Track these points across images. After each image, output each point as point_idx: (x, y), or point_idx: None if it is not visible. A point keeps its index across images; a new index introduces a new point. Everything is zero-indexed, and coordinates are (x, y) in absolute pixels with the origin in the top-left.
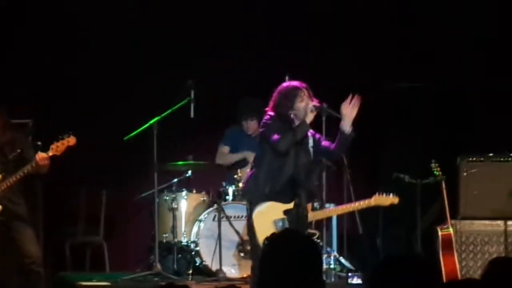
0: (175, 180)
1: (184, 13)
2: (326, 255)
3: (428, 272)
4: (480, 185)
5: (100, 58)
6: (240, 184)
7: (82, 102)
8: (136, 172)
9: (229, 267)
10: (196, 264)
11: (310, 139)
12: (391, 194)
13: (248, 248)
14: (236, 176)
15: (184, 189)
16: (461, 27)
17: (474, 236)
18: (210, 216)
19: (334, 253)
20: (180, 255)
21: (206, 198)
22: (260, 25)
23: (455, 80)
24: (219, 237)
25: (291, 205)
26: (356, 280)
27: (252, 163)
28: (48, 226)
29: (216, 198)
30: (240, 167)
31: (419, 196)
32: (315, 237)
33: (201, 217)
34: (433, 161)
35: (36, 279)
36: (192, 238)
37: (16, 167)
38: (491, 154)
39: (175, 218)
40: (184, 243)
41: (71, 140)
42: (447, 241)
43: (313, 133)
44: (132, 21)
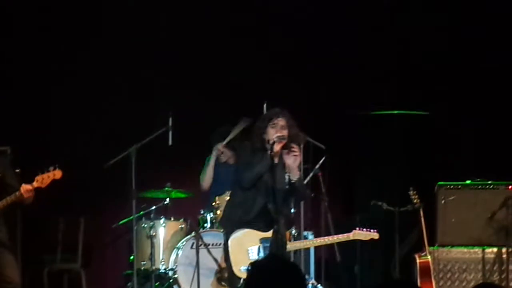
0: (153, 208)
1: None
2: None
3: None
4: (458, 213)
5: (79, 86)
6: (218, 212)
7: (61, 129)
8: (114, 200)
9: None
10: None
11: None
12: (371, 230)
13: (226, 275)
14: (214, 204)
15: (162, 217)
16: (430, 52)
17: (452, 264)
18: (188, 244)
19: (312, 281)
20: (158, 283)
21: (184, 226)
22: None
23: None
24: (197, 265)
25: (268, 234)
26: None
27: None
28: (26, 253)
29: (194, 226)
30: (219, 194)
31: (397, 224)
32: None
33: (179, 245)
34: (411, 189)
35: None
36: (170, 266)
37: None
38: (469, 182)
39: (153, 246)
40: (162, 271)
41: (57, 174)
42: (425, 269)
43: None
44: (112, 49)
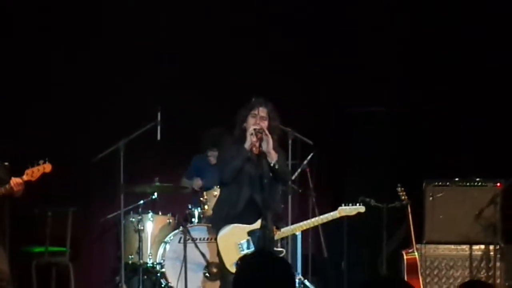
0: (141, 202)
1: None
2: None
3: None
4: (446, 210)
5: (68, 79)
6: (206, 207)
7: (49, 123)
8: (102, 194)
9: None
10: (162, 286)
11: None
12: (358, 204)
13: (214, 270)
14: (202, 199)
15: (150, 211)
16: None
17: (439, 261)
18: (176, 238)
19: (299, 276)
20: (146, 277)
21: (172, 220)
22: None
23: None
24: (185, 259)
25: (255, 226)
26: None
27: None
28: (14, 247)
29: (182, 220)
30: (206, 189)
31: (385, 220)
32: (282, 255)
33: (167, 239)
34: (399, 185)
35: None
36: (158, 260)
37: None
38: (457, 179)
39: (141, 240)
40: (150, 265)
41: (47, 167)
42: (412, 265)
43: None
44: (102, 44)
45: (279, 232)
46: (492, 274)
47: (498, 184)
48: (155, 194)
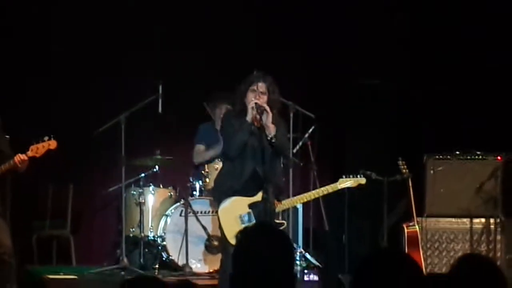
0: (143, 175)
1: (153, 10)
2: None
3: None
4: (447, 183)
5: (69, 52)
6: (207, 180)
7: (50, 97)
8: (104, 167)
9: (196, 262)
10: (163, 259)
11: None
12: (359, 176)
13: (215, 243)
14: (203, 172)
15: (151, 184)
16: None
17: (440, 234)
18: (177, 211)
19: (300, 249)
20: (147, 250)
21: (173, 193)
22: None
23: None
24: (186, 232)
25: (256, 198)
26: (312, 277)
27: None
28: (16, 220)
29: (183, 193)
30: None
31: (386, 193)
32: (282, 227)
33: (168, 212)
34: (400, 159)
35: (7, 270)
36: (159, 233)
37: None
38: (458, 152)
39: (142, 213)
40: (151, 238)
41: (52, 144)
42: (413, 239)
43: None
44: (102, 17)
45: (280, 205)
46: (493, 247)
47: (499, 158)
48: (156, 167)
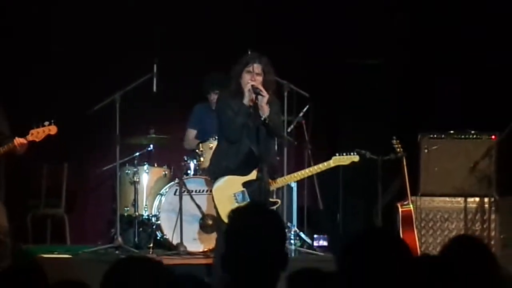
0: (137, 154)
1: None
2: (286, 230)
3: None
4: (441, 162)
5: (63, 33)
6: (202, 159)
7: (44, 76)
8: (98, 146)
9: (190, 241)
10: (157, 238)
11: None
12: (352, 153)
13: (209, 222)
14: (198, 151)
15: (146, 163)
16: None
17: (434, 213)
18: (172, 190)
19: (294, 228)
20: (141, 229)
21: (168, 172)
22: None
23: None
24: (180, 211)
25: (250, 177)
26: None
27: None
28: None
29: (178, 172)
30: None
31: (380, 173)
32: (276, 206)
33: (163, 191)
34: (394, 138)
35: (3, 249)
36: (153, 212)
37: None
38: (452, 132)
39: (137, 192)
40: (145, 217)
41: (52, 129)
42: (407, 218)
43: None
44: None
45: (275, 183)
46: (487, 227)
47: (493, 137)
48: (151, 146)
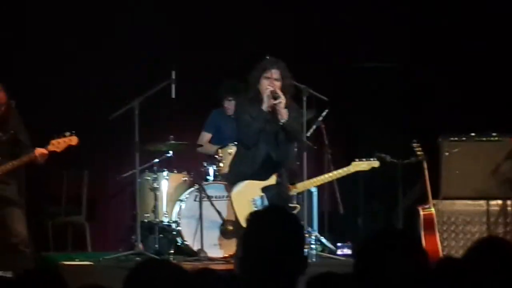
0: (156, 160)
1: None
2: (307, 235)
3: (419, 249)
4: (462, 165)
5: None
6: (221, 164)
7: (63, 82)
8: (118, 153)
9: (211, 247)
10: (178, 244)
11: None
12: (372, 159)
13: (230, 228)
14: (217, 156)
15: (165, 169)
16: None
17: (456, 216)
18: (192, 196)
19: (315, 233)
20: (162, 235)
21: (187, 178)
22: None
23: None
24: (201, 217)
25: (269, 182)
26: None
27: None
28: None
29: (197, 178)
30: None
31: (401, 176)
32: (296, 211)
33: (182, 197)
34: (415, 141)
35: (22, 259)
36: (174, 218)
37: (11, 149)
38: (473, 134)
39: (157, 198)
40: (166, 223)
41: (73, 140)
42: (429, 221)
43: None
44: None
45: (294, 188)
46: (510, 230)
47: None
48: (170, 152)
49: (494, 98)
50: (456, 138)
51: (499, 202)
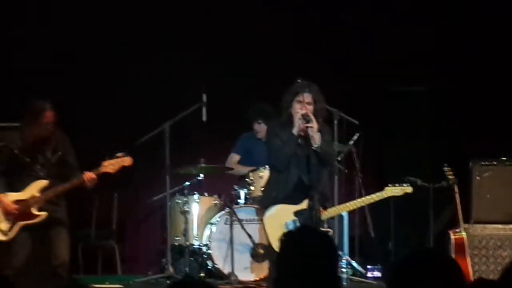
0: (187, 184)
1: (198, 17)
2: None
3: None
4: (493, 189)
5: (115, 61)
6: (252, 188)
7: (95, 104)
8: (148, 176)
9: (241, 271)
10: (208, 267)
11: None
12: (404, 184)
13: (261, 251)
14: (248, 180)
15: (196, 193)
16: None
17: (487, 240)
18: (222, 219)
19: (346, 257)
20: (192, 258)
21: (218, 202)
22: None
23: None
24: (231, 240)
25: (301, 206)
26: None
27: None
28: None
29: (228, 202)
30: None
31: (432, 200)
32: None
33: (213, 220)
34: (446, 165)
35: (58, 282)
36: (204, 241)
37: (59, 171)
38: (504, 158)
39: (187, 221)
40: (196, 246)
41: (127, 160)
42: (460, 245)
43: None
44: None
45: (326, 213)
46: None
47: None
48: (201, 175)
49: None
50: (487, 162)
51: None
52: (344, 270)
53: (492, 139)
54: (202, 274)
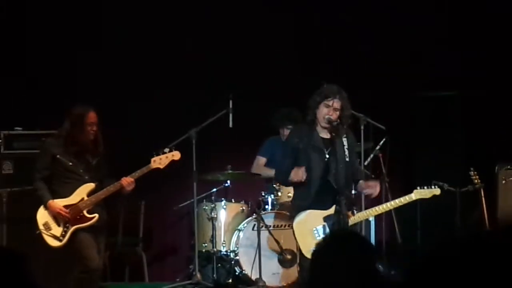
0: (214, 190)
1: (223, 24)
2: None
3: None
4: None
5: (140, 68)
6: (279, 193)
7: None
8: (174, 182)
9: (269, 276)
10: (236, 273)
11: (345, 144)
12: (433, 187)
13: (288, 257)
14: (275, 186)
15: (223, 199)
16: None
17: None
18: (250, 226)
19: None
20: (220, 265)
21: (245, 208)
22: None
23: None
24: (259, 247)
25: (330, 211)
26: None
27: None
28: None
29: (255, 208)
30: None
31: (458, 204)
32: None
33: (241, 227)
34: (472, 169)
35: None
36: (232, 248)
37: (98, 174)
38: None
39: (214, 228)
40: (224, 253)
41: (176, 155)
42: None
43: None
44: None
45: (353, 217)
46: None
47: None
48: (228, 182)
49: None
50: None
51: None
52: None
53: None
54: (230, 281)
